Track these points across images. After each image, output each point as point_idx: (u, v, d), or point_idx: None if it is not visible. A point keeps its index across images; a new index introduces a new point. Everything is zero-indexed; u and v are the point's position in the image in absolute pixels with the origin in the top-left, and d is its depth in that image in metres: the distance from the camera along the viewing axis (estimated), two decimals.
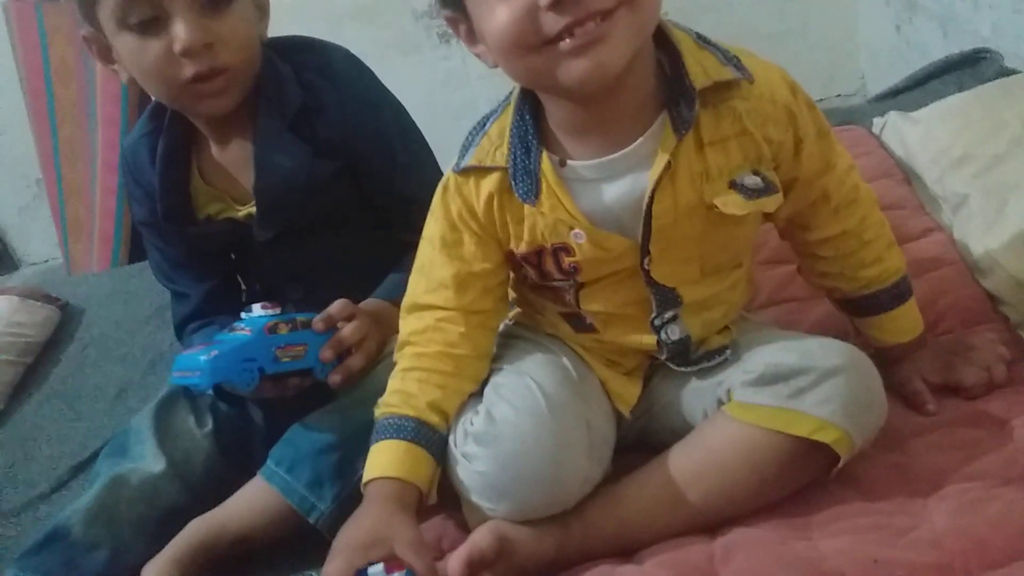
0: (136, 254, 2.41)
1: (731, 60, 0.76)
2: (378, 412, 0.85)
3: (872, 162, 1.26)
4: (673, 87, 0.75)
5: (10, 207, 2.73)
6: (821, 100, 2.33)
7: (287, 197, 1.01)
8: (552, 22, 0.66)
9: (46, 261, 2.76)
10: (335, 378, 0.94)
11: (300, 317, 0.94)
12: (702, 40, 0.78)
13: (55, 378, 1.39)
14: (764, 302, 1.10)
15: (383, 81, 1.08)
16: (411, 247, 0.92)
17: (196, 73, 0.91)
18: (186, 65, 0.90)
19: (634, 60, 0.71)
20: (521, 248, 0.83)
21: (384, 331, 0.98)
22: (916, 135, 1.22)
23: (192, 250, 1.10)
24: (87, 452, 1.21)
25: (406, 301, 0.90)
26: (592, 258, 0.81)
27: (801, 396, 0.77)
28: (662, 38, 0.76)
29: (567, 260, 0.82)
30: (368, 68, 1.07)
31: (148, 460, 0.99)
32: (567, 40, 0.67)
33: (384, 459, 0.81)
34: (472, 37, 0.75)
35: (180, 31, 0.88)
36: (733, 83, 0.75)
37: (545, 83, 0.74)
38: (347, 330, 0.95)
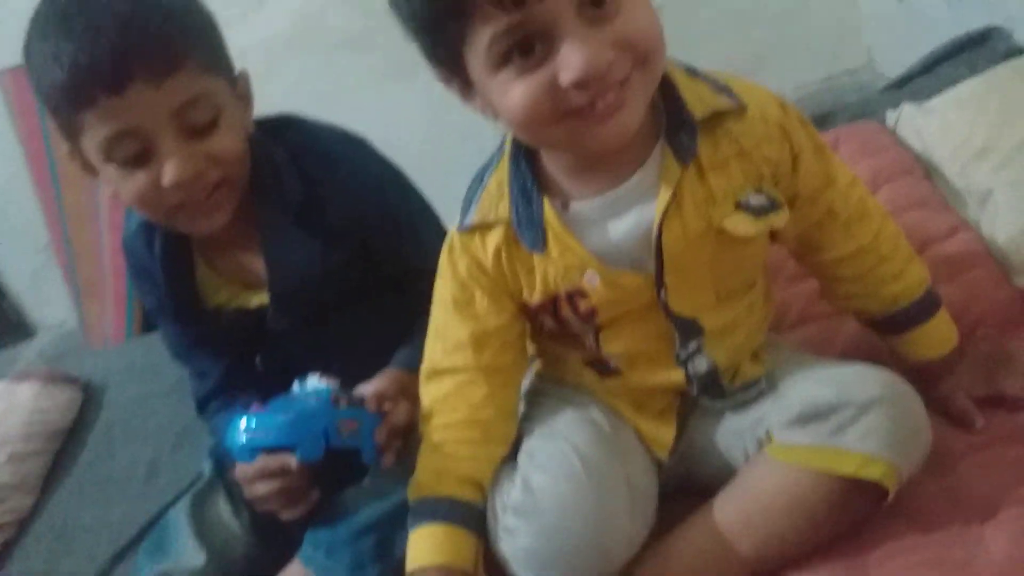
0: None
1: (723, 89, 0.76)
2: (412, 494, 0.84)
3: (890, 159, 1.22)
4: (671, 118, 0.75)
5: (22, 273, 2.73)
6: (829, 78, 2.28)
7: (302, 291, 0.99)
8: (574, 97, 0.65)
9: (61, 324, 2.77)
10: (388, 459, 0.91)
11: (355, 392, 0.91)
12: (692, 72, 0.78)
13: (83, 463, 1.38)
14: (795, 320, 1.07)
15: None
16: (422, 314, 0.90)
17: (187, 199, 0.87)
18: (175, 194, 0.86)
19: None
20: (535, 298, 0.82)
21: (408, 400, 0.95)
22: (932, 127, 1.19)
23: (204, 336, 1.08)
24: (124, 539, 1.20)
25: (425, 367, 0.88)
26: (608, 299, 0.79)
27: (842, 432, 0.75)
28: None
29: (583, 304, 0.80)
30: (366, 144, 1.04)
31: (188, 555, 0.97)
32: (589, 111, 0.66)
33: (426, 545, 0.80)
34: (467, 92, 0.73)
35: (169, 167, 0.84)
36: (728, 110, 0.75)
37: (562, 147, 0.74)
38: (400, 414, 0.92)
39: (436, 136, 2.28)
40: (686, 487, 0.88)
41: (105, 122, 0.82)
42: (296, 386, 0.91)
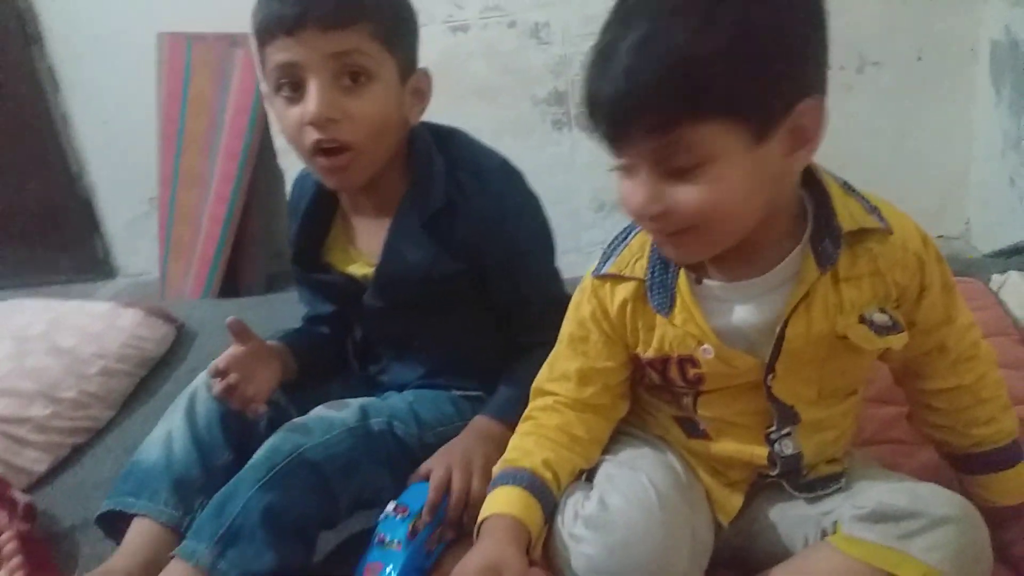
0: (229, 282, 2.53)
1: (874, 210, 0.82)
2: (498, 467, 0.90)
3: (988, 318, 1.26)
4: (819, 225, 0.80)
5: (120, 220, 2.87)
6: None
7: (403, 283, 1.07)
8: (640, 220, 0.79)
9: (140, 275, 2.87)
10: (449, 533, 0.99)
11: (422, 506, 0.96)
12: (848, 188, 0.84)
13: (164, 395, 1.43)
14: (867, 439, 1.10)
15: None
16: (526, 348, 0.98)
17: (317, 141, 0.96)
18: (311, 133, 0.96)
19: (756, 218, 0.77)
20: (648, 354, 0.88)
21: (490, 449, 1.00)
22: None
23: (312, 287, 1.19)
24: None
25: (535, 384, 0.95)
26: (717, 372, 0.84)
27: (910, 539, 0.77)
28: (812, 180, 0.82)
29: (692, 371, 0.86)
30: (520, 178, 1.10)
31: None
32: (654, 232, 0.80)
33: (501, 499, 0.85)
34: None
35: (309, 102, 0.95)
36: (874, 230, 0.81)
37: None
38: (455, 487, 0.97)
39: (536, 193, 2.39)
40: (737, 560, 0.91)
41: (277, 55, 0.96)
42: (378, 523, 0.95)
